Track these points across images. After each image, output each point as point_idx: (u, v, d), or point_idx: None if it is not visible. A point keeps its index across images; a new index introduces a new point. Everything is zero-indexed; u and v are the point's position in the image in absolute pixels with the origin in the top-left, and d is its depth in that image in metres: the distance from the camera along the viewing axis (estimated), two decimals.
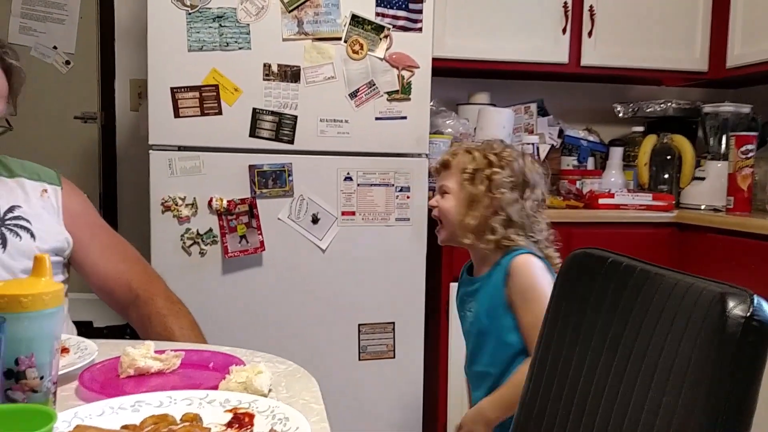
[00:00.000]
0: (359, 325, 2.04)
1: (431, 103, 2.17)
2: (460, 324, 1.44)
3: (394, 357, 2.06)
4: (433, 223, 2.12)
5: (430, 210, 2.12)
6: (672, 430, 0.74)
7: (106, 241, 1.38)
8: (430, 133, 2.13)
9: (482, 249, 1.33)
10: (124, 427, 0.70)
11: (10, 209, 1.25)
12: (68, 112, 2.79)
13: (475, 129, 2.39)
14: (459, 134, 2.36)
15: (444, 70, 2.30)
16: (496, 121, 2.33)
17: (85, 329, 1.93)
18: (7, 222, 1.23)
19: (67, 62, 2.78)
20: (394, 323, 2.06)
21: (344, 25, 1.95)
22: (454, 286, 2.13)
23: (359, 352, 2.04)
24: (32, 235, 1.24)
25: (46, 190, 1.31)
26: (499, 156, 1.33)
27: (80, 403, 0.79)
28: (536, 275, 1.26)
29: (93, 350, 0.97)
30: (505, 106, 2.47)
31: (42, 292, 0.72)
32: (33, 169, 1.34)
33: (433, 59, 2.05)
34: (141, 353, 0.93)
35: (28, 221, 1.25)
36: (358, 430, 2.03)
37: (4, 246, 1.21)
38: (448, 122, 2.37)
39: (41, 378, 0.72)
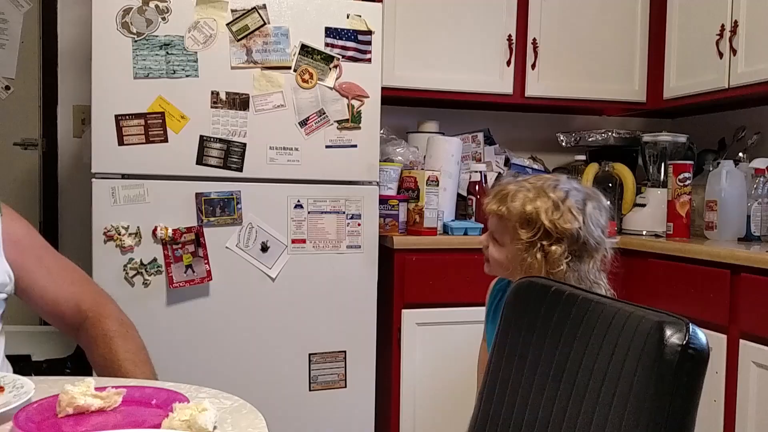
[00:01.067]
0: (310, 354, 2.02)
1: (381, 132, 2.19)
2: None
3: (345, 386, 2.05)
4: (384, 251, 2.15)
5: (382, 238, 2.15)
6: None
7: (52, 264, 1.32)
8: (381, 161, 2.15)
9: None
10: None
11: None
12: (8, 138, 2.70)
13: (424, 157, 2.42)
14: (409, 162, 2.39)
15: (393, 98, 2.34)
16: (444, 149, 2.37)
17: (24, 363, 1.85)
18: None
19: (7, 87, 2.70)
20: (345, 352, 2.05)
21: (294, 55, 1.96)
22: (406, 313, 2.15)
23: (310, 383, 2.02)
24: None
25: None
26: (556, 223, 1.19)
27: None
28: None
29: (30, 388, 0.93)
30: (453, 135, 2.52)
31: None
32: None
33: (383, 88, 2.08)
34: (81, 391, 0.89)
35: None
36: None
37: None
38: (398, 150, 2.40)
39: None
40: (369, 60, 2.03)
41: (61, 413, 0.88)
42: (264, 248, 1.96)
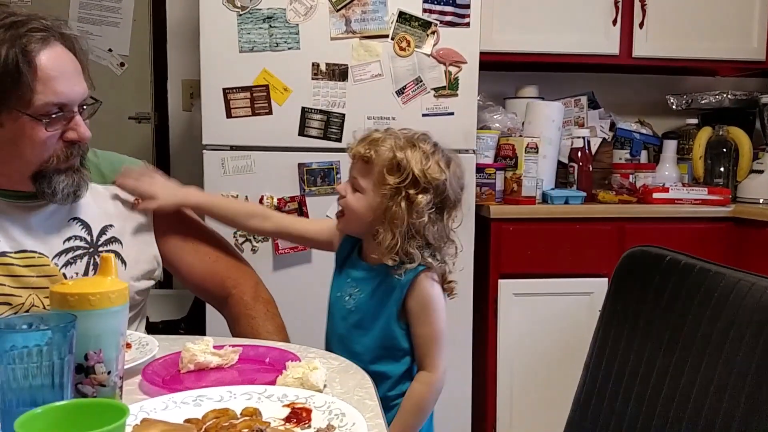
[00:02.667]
0: None
1: (478, 98, 2.15)
2: (330, 297, 1.31)
3: None
4: (481, 219, 2.13)
5: (479, 207, 2.13)
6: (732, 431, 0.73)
7: (198, 239, 1.34)
8: (478, 129, 2.11)
9: (384, 257, 1.18)
10: (187, 420, 0.73)
11: (103, 230, 1.21)
12: (123, 113, 2.87)
13: (523, 123, 2.36)
14: (507, 129, 2.34)
15: (491, 64, 2.29)
16: (544, 115, 2.30)
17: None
18: (100, 248, 1.19)
19: (122, 64, 2.86)
20: None
21: (391, 23, 1.95)
22: (503, 283, 2.13)
23: None
24: (123, 262, 1.20)
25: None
26: (426, 173, 1.16)
27: (144, 397, 0.82)
28: (438, 292, 1.19)
29: (154, 346, 1.00)
30: (554, 100, 2.43)
31: (109, 290, 0.75)
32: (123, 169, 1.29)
33: (481, 54, 2.03)
34: (201, 349, 0.95)
35: (119, 243, 1.21)
36: None
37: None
38: (495, 117, 2.35)
39: (109, 373, 0.75)
40: (467, 24, 1.99)
41: (183, 369, 0.94)
42: None
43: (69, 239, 1.16)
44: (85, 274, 1.16)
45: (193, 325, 2.22)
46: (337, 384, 0.88)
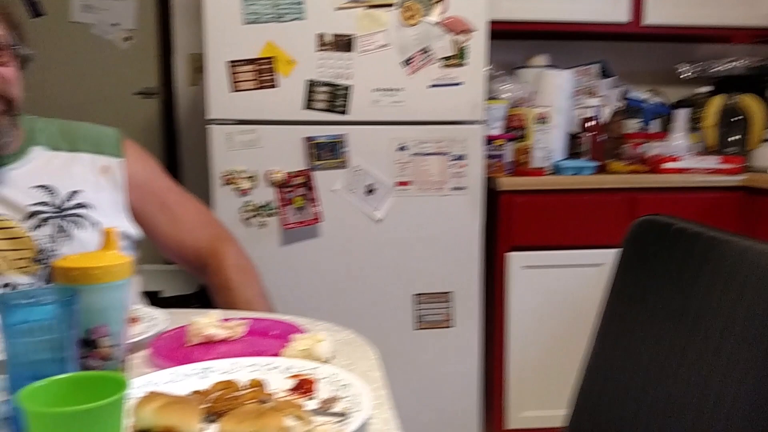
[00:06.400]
0: (415, 294, 2.05)
1: (488, 68, 2.12)
2: None
3: (450, 326, 2.07)
4: (490, 192, 2.12)
5: (488, 179, 2.11)
6: (742, 402, 0.72)
7: (176, 208, 1.33)
8: (487, 99, 2.09)
9: None
10: (194, 392, 0.73)
11: (72, 195, 1.19)
12: (129, 88, 2.86)
13: (533, 93, 2.33)
14: (516, 99, 2.31)
15: (501, 33, 2.25)
16: (555, 84, 2.27)
17: (155, 299, 2.01)
18: (68, 212, 1.18)
19: (127, 39, 2.84)
20: (450, 293, 2.06)
21: None
22: (512, 256, 2.12)
23: (415, 321, 2.06)
24: (95, 225, 1.19)
25: (107, 168, 1.25)
26: None
27: (152, 370, 0.82)
28: None
29: (162, 319, 1.01)
30: (565, 69, 2.39)
31: (112, 264, 0.75)
32: (94, 138, 1.28)
33: (490, 22, 2.00)
34: (208, 322, 0.96)
35: (90, 207, 1.20)
36: (415, 397, 2.06)
37: (69, 239, 1.16)
38: (505, 87, 2.32)
39: (113, 346, 0.75)
40: None
41: (190, 342, 0.95)
42: (370, 190, 1.99)
43: (33, 204, 1.16)
44: (53, 237, 1.16)
45: (207, 300, 2.24)
46: (342, 355, 0.88)
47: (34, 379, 0.56)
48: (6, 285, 1.12)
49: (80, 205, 1.20)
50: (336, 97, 1.94)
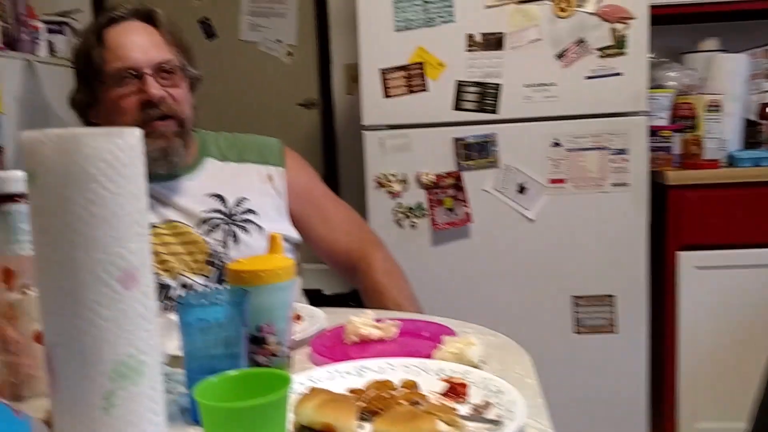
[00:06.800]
0: (574, 297, 1.97)
1: (650, 55, 1.99)
2: None
3: (614, 332, 1.96)
4: (657, 187, 1.98)
5: (652, 173, 1.98)
6: None
7: (331, 213, 1.41)
8: (650, 88, 1.96)
9: None
10: (351, 390, 0.76)
11: (239, 202, 1.29)
12: (292, 100, 3.04)
13: (703, 79, 2.14)
14: (684, 86, 2.14)
15: (664, 17, 2.10)
16: (728, 69, 2.07)
17: (316, 297, 2.13)
18: (236, 217, 1.28)
19: (290, 53, 3.03)
20: (613, 296, 1.96)
21: None
22: (682, 255, 1.97)
23: (575, 325, 1.98)
24: (260, 229, 1.29)
25: (271, 177, 1.35)
26: None
27: (313, 367, 0.87)
28: None
29: (321, 318, 1.06)
30: (739, 51, 2.17)
31: (277, 267, 0.81)
32: (258, 148, 1.37)
33: (651, 7, 1.87)
34: (363, 321, 0.99)
35: (255, 213, 1.29)
36: (574, 406, 1.98)
37: (236, 243, 1.27)
38: (670, 74, 2.16)
39: (279, 343, 0.81)
40: None
41: (347, 341, 0.99)
42: (521, 189, 1.95)
43: (206, 211, 1.27)
44: (224, 241, 1.27)
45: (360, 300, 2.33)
46: (494, 360, 0.87)
47: (210, 373, 0.61)
48: (184, 286, 1.24)
49: (247, 212, 1.30)
50: (486, 96, 1.92)
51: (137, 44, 1.22)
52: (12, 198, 0.59)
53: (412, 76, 1.93)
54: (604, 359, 1.98)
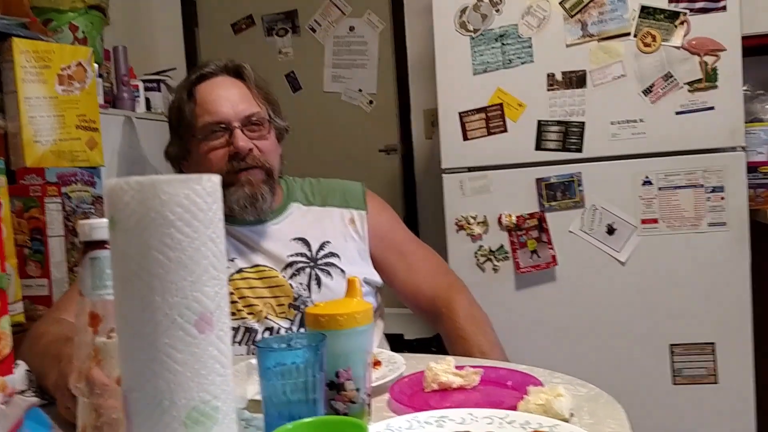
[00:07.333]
0: (671, 345, 1.84)
1: (744, 88, 1.88)
2: None
3: (716, 382, 1.82)
4: (757, 227, 1.84)
5: (752, 212, 1.85)
6: None
7: (413, 258, 1.40)
8: (746, 122, 1.85)
9: None
10: None
11: (322, 246, 1.31)
12: (374, 146, 3.10)
13: None
14: None
15: (758, 48, 1.99)
16: None
17: (397, 341, 2.10)
18: (320, 261, 1.30)
19: (371, 102, 3.10)
20: (713, 344, 1.82)
21: (633, 19, 1.82)
22: None
23: (673, 376, 1.85)
24: (342, 273, 1.29)
25: (353, 219, 1.36)
26: None
27: (391, 415, 0.85)
28: None
29: (401, 364, 1.03)
30: None
31: (355, 311, 0.80)
32: (341, 192, 1.39)
33: (743, 38, 1.79)
34: (443, 368, 0.96)
35: (337, 257, 1.30)
36: None
37: (319, 286, 1.28)
38: (767, 107, 2.03)
39: (357, 390, 0.79)
40: (723, 8, 1.76)
41: (427, 388, 0.96)
42: (610, 230, 1.86)
43: (292, 255, 1.29)
44: (308, 285, 1.28)
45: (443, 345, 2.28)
46: (585, 413, 0.82)
47: (288, 419, 0.61)
48: (267, 329, 1.25)
49: (330, 255, 1.31)
50: (569, 135, 1.87)
51: (226, 99, 1.26)
52: (100, 245, 0.62)
53: (491, 118, 1.92)
54: (706, 412, 1.83)
